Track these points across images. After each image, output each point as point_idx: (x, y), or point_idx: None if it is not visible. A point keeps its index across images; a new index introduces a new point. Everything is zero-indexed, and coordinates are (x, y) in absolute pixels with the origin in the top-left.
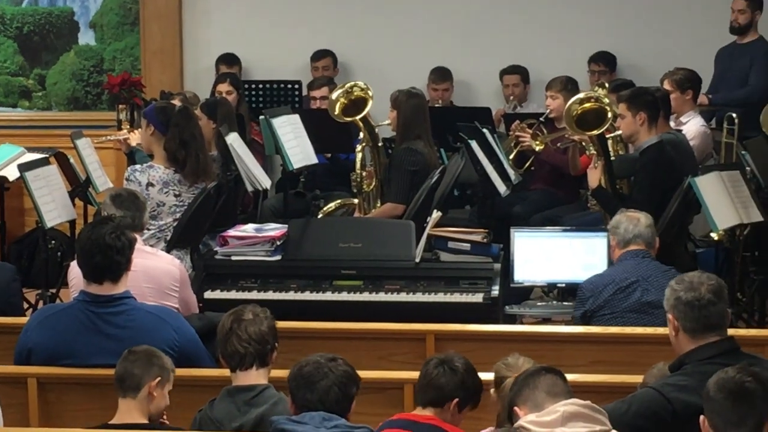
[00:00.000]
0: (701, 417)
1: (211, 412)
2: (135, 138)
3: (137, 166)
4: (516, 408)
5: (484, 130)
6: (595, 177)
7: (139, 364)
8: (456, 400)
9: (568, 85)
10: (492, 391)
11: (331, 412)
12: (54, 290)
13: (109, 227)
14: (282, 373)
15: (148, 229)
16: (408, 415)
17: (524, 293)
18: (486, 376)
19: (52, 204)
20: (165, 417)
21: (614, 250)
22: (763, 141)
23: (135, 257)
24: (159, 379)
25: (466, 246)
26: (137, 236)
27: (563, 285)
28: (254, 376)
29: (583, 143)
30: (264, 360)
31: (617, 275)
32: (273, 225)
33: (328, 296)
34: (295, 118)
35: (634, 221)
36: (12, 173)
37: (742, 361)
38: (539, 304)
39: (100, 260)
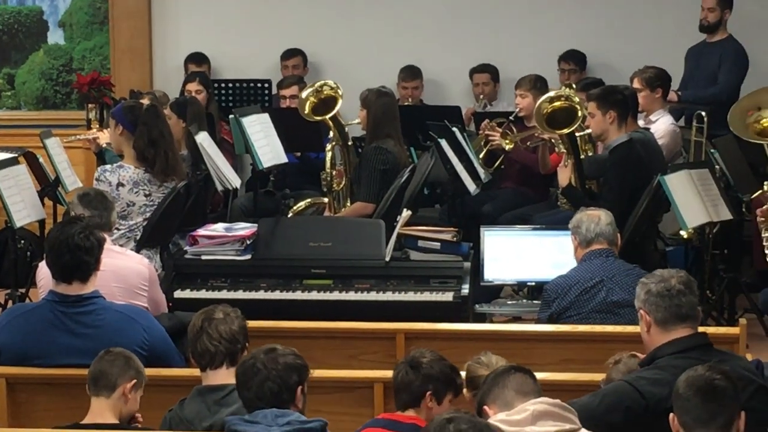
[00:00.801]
0: (671, 415)
1: (181, 412)
2: (104, 137)
3: (107, 166)
4: (485, 407)
5: (454, 129)
6: (565, 175)
7: (117, 364)
8: (428, 392)
9: (537, 84)
10: (465, 391)
11: (272, 406)
12: (23, 290)
13: (78, 227)
14: None
15: (118, 229)
16: (392, 415)
17: (494, 292)
18: None
19: (22, 204)
20: (139, 417)
21: (577, 250)
22: (732, 139)
23: (104, 257)
24: (135, 381)
25: (436, 245)
26: (106, 236)
27: (533, 283)
28: (224, 376)
29: (553, 142)
30: (234, 359)
31: (582, 276)
32: (243, 224)
33: (298, 295)
34: (265, 117)
35: (595, 220)
36: None
37: (715, 356)
38: (509, 302)
39: (69, 260)
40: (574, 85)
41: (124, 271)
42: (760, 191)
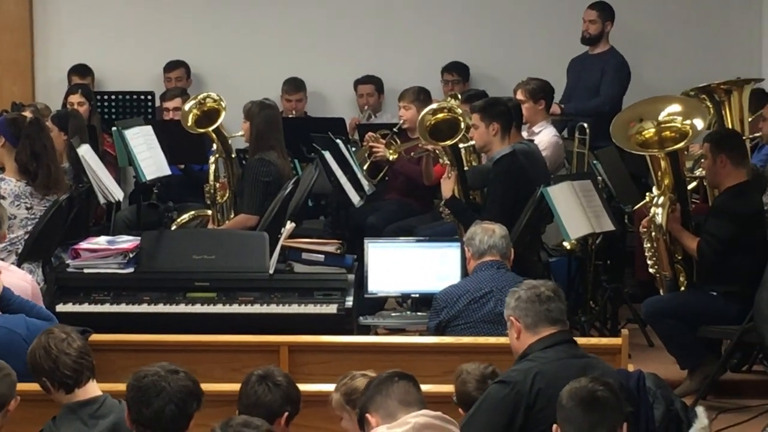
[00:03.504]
0: (554, 426)
1: (57, 431)
2: None
3: None
4: (368, 415)
5: (338, 141)
6: (448, 187)
7: (4, 384)
8: (286, 414)
9: (421, 96)
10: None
11: (165, 430)
12: None
13: None
14: None
15: None
16: None
17: (378, 304)
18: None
19: None
20: None
21: (470, 262)
22: (614, 151)
23: None
24: (18, 399)
25: (320, 257)
26: None
27: (417, 295)
28: (92, 389)
29: (437, 153)
30: (93, 371)
31: (472, 286)
32: (126, 237)
33: (182, 308)
34: (148, 130)
35: (488, 232)
36: None
37: (580, 351)
38: (393, 314)
39: None
40: (459, 95)
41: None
42: (642, 202)
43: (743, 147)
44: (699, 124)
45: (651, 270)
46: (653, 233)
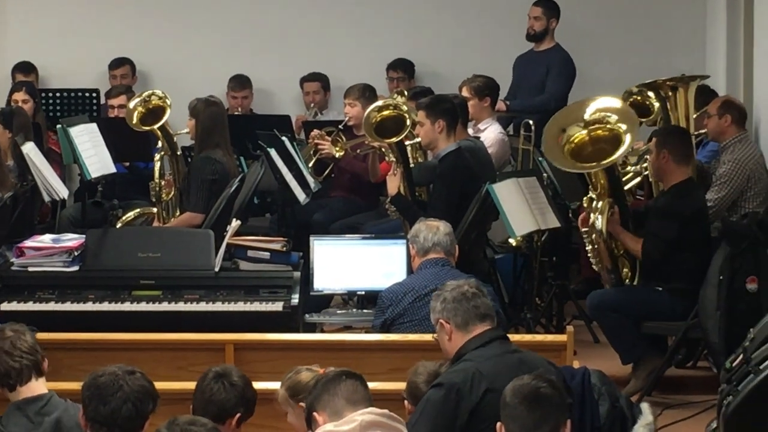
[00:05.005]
0: (498, 423)
1: (5, 429)
2: None
3: None
4: (315, 414)
5: (284, 138)
6: (394, 184)
7: None
8: (238, 415)
9: (366, 93)
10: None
11: (121, 429)
12: None
13: None
14: (79, 385)
15: None
16: None
17: (324, 301)
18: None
19: None
20: None
21: (414, 259)
22: None
23: None
24: None
25: (266, 255)
26: None
27: (363, 293)
28: (36, 387)
29: (383, 150)
30: (39, 369)
31: (416, 283)
32: (71, 235)
33: (127, 306)
34: (93, 127)
35: (433, 230)
36: None
37: (513, 346)
38: (339, 312)
39: None
40: (405, 92)
41: None
42: (583, 207)
43: (687, 144)
44: (630, 117)
45: (595, 267)
46: (593, 236)
